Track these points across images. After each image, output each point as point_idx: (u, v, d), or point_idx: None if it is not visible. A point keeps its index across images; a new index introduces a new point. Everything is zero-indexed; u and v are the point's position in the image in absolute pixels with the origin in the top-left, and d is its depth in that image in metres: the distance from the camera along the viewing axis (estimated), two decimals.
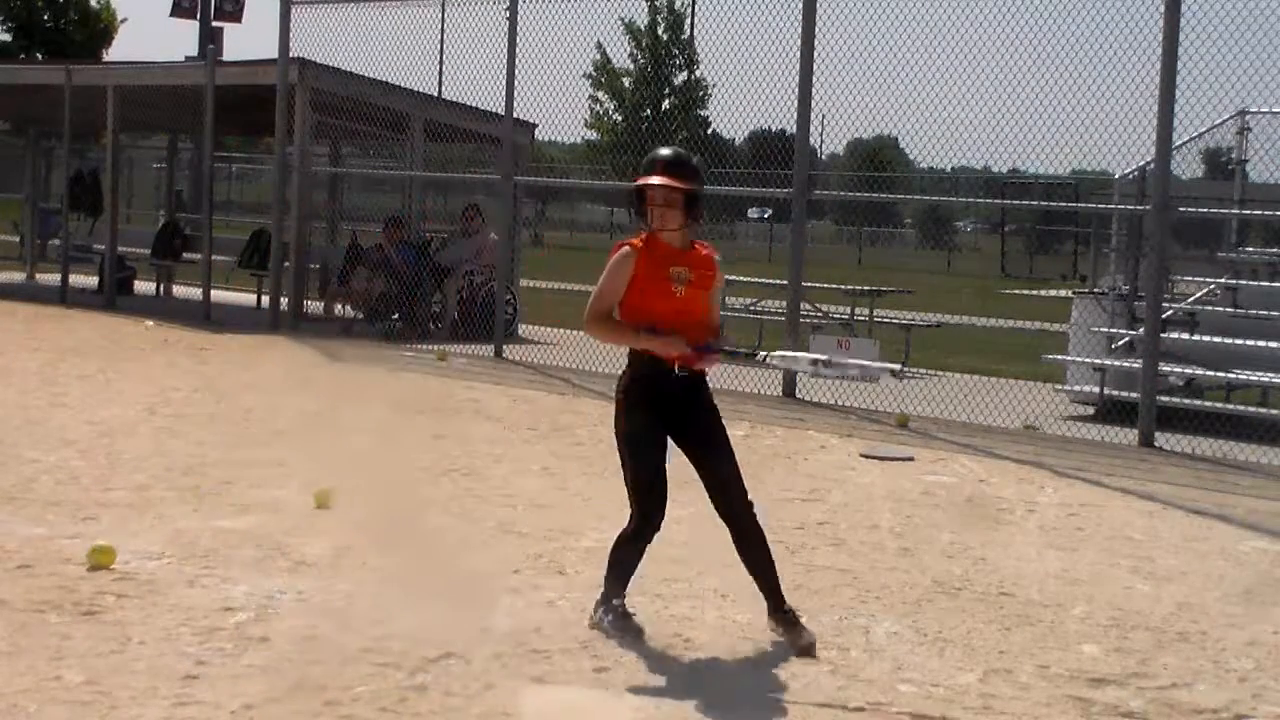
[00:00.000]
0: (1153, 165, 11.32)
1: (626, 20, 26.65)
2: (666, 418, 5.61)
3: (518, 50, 14.72)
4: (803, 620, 5.65)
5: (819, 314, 16.51)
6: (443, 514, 7.77)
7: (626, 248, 5.62)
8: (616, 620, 5.61)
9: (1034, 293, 27.51)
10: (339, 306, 17.65)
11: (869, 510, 8.33)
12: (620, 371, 5.71)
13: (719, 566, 6.86)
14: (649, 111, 29.17)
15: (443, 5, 16.80)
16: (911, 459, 10.03)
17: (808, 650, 5.51)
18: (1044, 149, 12.49)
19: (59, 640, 5.27)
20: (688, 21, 28.81)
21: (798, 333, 12.92)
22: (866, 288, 17.17)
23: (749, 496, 5.67)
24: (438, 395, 12.30)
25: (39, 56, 40.80)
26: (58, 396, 11.05)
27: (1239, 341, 12.04)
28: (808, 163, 13.11)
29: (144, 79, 19.51)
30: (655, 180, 5.53)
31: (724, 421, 5.74)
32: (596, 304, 5.61)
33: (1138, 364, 11.59)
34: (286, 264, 17.23)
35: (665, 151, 5.65)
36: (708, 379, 5.75)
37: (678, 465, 9.36)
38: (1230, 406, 12.03)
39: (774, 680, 5.23)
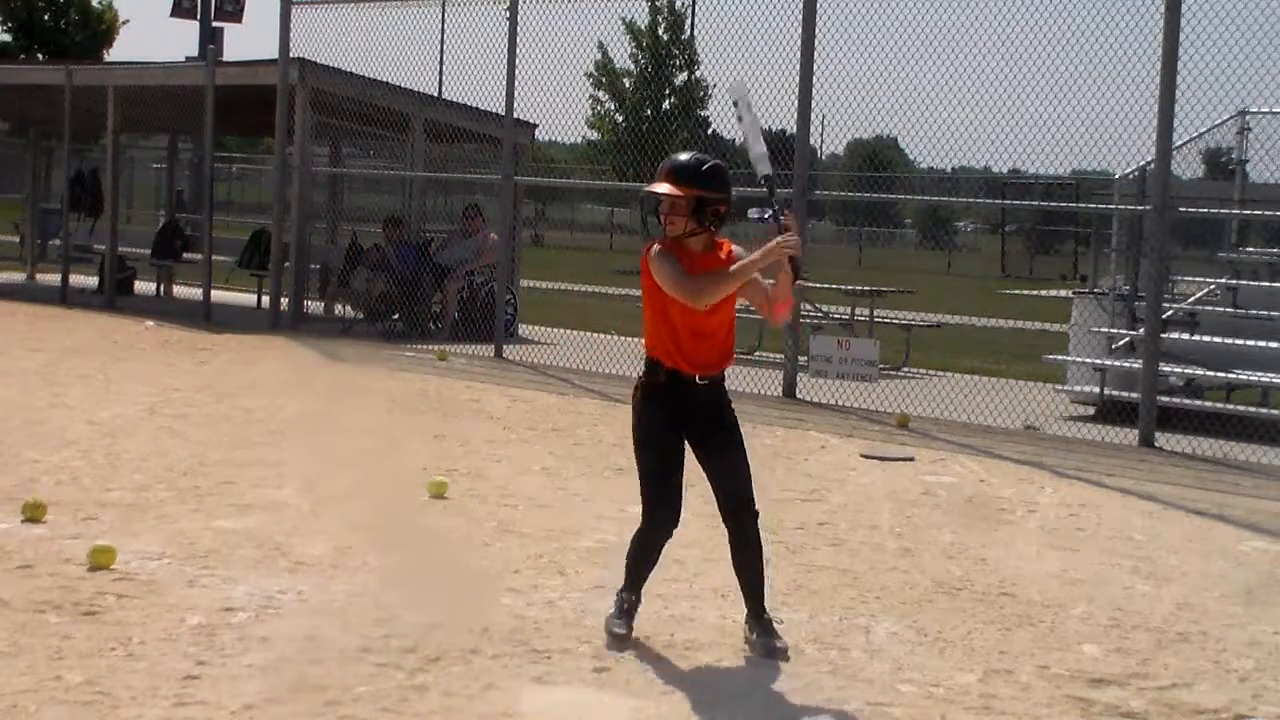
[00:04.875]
0: (1153, 165, 11.32)
1: (627, 20, 26.65)
2: (687, 424, 5.50)
3: (518, 50, 14.72)
4: (779, 629, 5.59)
5: (819, 314, 16.50)
6: (443, 514, 7.78)
7: (659, 245, 5.47)
8: (614, 614, 5.62)
9: (1034, 293, 27.53)
10: (339, 307, 17.66)
11: (869, 510, 8.33)
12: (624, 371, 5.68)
13: (719, 566, 6.87)
14: (650, 112, 29.16)
15: (443, 5, 16.80)
16: (911, 459, 10.03)
17: (778, 654, 5.45)
18: (1044, 149, 12.51)
19: (59, 640, 5.27)
20: (688, 21, 28.84)
21: (798, 333, 12.92)
22: (867, 288, 17.14)
23: (755, 505, 5.59)
24: (438, 395, 12.30)
25: (39, 56, 40.80)
26: (58, 396, 11.05)
27: (1239, 341, 12.04)
28: (808, 163, 13.10)
29: (144, 79, 19.50)
30: (660, 188, 5.46)
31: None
32: (690, 285, 5.38)
33: (1138, 364, 11.59)
34: (287, 264, 17.24)
35: (678, 157, 5.57)
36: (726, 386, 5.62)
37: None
38: (1230, 406, 12.02)
39: (774, 680, 5.23)
